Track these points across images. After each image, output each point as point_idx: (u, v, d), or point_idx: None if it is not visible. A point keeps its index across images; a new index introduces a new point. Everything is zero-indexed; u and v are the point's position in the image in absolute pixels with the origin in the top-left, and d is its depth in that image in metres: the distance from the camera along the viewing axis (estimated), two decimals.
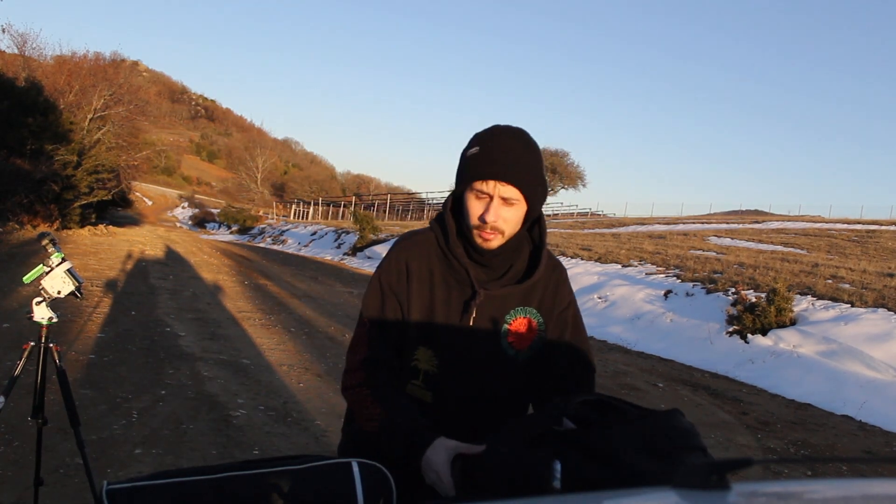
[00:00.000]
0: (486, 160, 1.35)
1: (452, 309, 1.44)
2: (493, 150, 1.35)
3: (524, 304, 1.46)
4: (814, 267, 11.32)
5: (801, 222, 26.62)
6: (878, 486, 0.69)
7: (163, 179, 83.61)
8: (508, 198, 1.35)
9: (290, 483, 1.20)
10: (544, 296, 1.49)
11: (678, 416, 1.09)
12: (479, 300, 1.42)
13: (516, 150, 1.37)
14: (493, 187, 1.34)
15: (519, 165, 1.35)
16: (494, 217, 1.35)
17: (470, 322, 1.43)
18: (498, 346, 1.45)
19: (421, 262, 1.46)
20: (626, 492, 0.81)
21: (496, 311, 1.44)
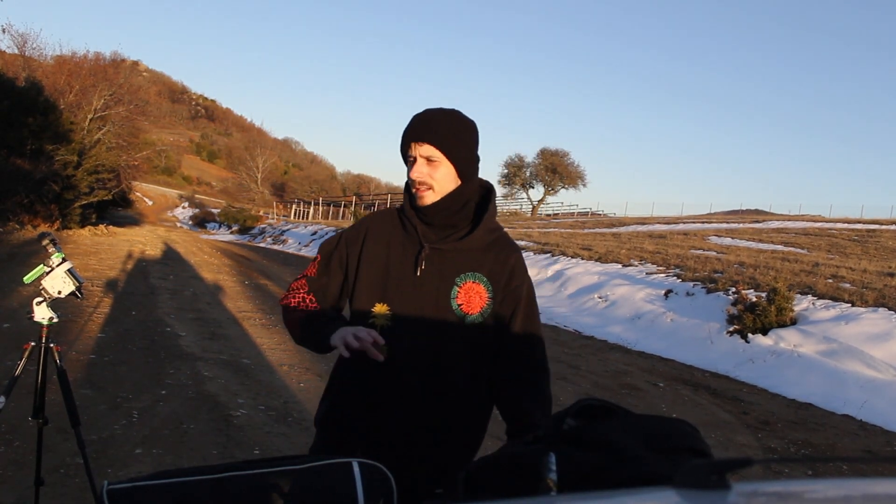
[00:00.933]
0: (409, 128, 1.56)
1: (405, 265, 1.59)
2: (414, 120, 1.57)
3: (474, 270, 1.60)
4: (814, 266, 11.32)
5: (802, 222, 26.60)
6: (878, 485, 0.69)
7: (163, 179, 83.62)
8: (429, 156, 1.54)
9: (290, 483, 1.20)
10: (494, 266, 1.62)
11: (684, 422, 1.09)
12: (425, 252, 1.58)
13: (434, 116, 1.56)
14: (415, 148, 1.55)
15: (433, 126, 1.55)
16: (418, 174, 1.54)
17: (417, 273, 1.57)
18: (447, 305, 1.57)
19: (381, 227, 1.65)
20: (626, 492, 0.81)
21: (445, 269, 1.58)
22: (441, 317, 1.57)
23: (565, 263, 12.95)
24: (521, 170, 49.99)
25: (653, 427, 1.06)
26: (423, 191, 1.56)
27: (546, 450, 1.00)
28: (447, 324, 1.57)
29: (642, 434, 1.03)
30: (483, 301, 1.59)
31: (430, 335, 1.56)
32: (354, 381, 1.61)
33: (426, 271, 1.57)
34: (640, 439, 1.01)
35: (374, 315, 1.58)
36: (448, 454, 1.61)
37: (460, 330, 1.58)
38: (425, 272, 1.57)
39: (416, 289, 1.57)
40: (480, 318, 1.59)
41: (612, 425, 1.05)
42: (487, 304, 1.59)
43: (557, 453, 0.98)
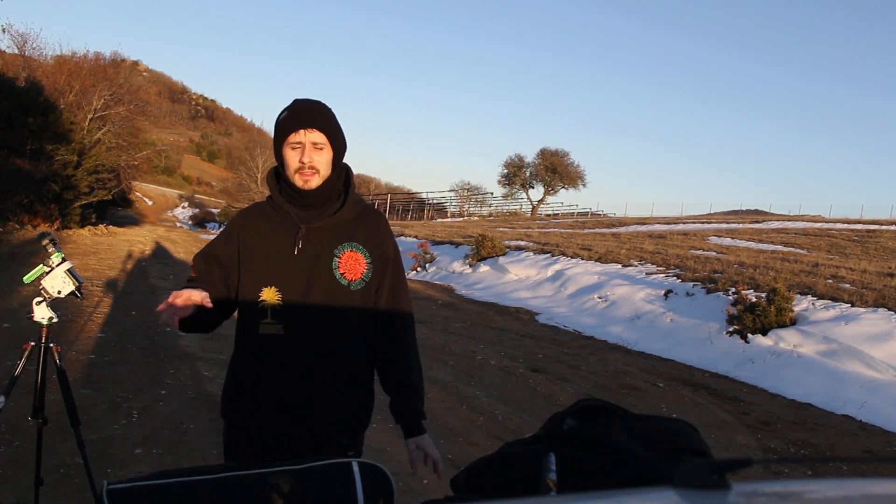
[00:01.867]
0: (295, 116, 1.67)
1: (284, 247, 1.71)
2: (298, 109, 1.68)
3: (350, 240, 1.73)
4: (814, 267, 11.32)
5: (802, 222, 26.59)
6: (878, 485, 0.69)
7: (163, 179, 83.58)
8: (317, 142, 1.67)
9: (290, 483, 1.20)
10: (367, 233, 1.76)
11: (684, 422, 1.09)
12: (301, 233, 1.69)
13: (317, 106, 1.71)
14: (304, 135, 1.66)
15: (320, 114, 1.69)
16: (309, 158, 1.66)
17: (295, 252, 1.69)
18: (331, 276, 1.70)
19: (251, 221, 1.77)
20: (626, 492, 0.81)
21: (323, 244, 1.71)
22: (328, 287, 1.69)
23: (565, 263, 12.95)
24: (521, 170, 49.98)
25: (653, 427, 1.06)
26: (311, 175, 1.67)
27: (546, 450, 1.00)
28: (334, 293, 1.69)
29: (643, 434, 1.03)
30: (363, 266, 1.73)
31: (321, 306, 1.68)
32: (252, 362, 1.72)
33: (304, 250, 1.69)
34: (640, 440, 1.01)
35: (262, 300, 1.69)
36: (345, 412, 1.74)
37: (347, 296, 1.71)
38: (303, 250, 1.69)
39: (299, 266, 1.69)
40: (363, 282, 1.73)
41: (613, 426, 1.05)
42: (367, 268, 1.74)
43: (557, 453, 0.98)
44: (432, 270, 15.27)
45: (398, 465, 3.70)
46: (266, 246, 1.72)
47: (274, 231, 1.73)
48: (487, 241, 14.83)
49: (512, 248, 15.10)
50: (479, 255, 14.71)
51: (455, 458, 3.94)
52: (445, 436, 4.38)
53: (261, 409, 1.70)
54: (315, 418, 1.68)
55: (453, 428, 4.56)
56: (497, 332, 8.55)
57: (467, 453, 4.03)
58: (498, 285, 12.97)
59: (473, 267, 14.55)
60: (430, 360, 6.49)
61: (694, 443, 1.04)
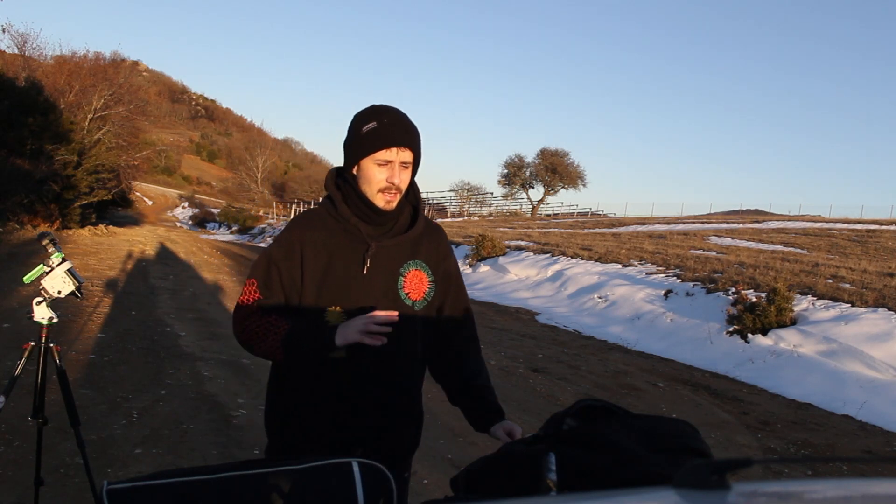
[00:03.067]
0: (387, 131, 1.54)
1: (351, 266, 1.60)
2: (389, 123, 1.55)
3: (414, 258, 1.65)
4: (814, 266, 11.32)
5: (802, 222, 26.60)
6: (878, 486, 0.69)
7: (163, 179, 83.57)
8: (406, 161, 1.57)
9: (290, 483, 1.20)
10: (429, 250, 1.69)
11: (684, 422, 1.09)
12: (372, 251, 1.59)
13: (408, 121, 1.60)
14: (396, 153, 1.55)
15: (411, 132, 1.58)
16: (400, 179, 1.56)
17: (364, 271, 1.59)
18: (397, 296, 1.62)
19: (315, 233, 1.63)
20: (626, 492, 0.81)
21: (390, 263, 1.62)
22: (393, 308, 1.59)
23: (565, 263, 12.95)
24: (521, 170, 50.00)
25: (653, 427, 1.06)
26: (395, 196, 1.58)
27: (546, 450, 1.00)
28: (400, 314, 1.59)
29: (643, 435, 1.03)
30: (426, 285, 1.66)
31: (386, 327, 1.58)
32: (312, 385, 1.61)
33: (372, 268, 1.60)
34: (640, 440, 1.01)
35: (328, 316, 1.60)
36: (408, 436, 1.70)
37: (412, 317, 1.64)
38: (371, 269, 1.60)
39: (365, 286, 1.60)
40: (425, 302, 1.67)
41: (613, 426, 1.05)
42: (429, 287, 1.67)
43: (557, 453, 0.98)
44: None
45: None
46: (332, 264, 1.60)
47: (340, 247, 1.60)
48: (487, 241, 14.84)
49: (512, 248, 15.11)
50: (479, 255, 14.71)
51: (455, 458, 3.94)
52: (445, 436, 4.38)
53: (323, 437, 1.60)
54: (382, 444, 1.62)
55: (453, 428, 4.55)
56: (497, 332, 8.55)
57: (467, 453, 4.03)
58: (498, 285, 12.97)
59: (473, 267, 14.55)
60: None
61: (694, 443, 1.04)
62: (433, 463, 3.87)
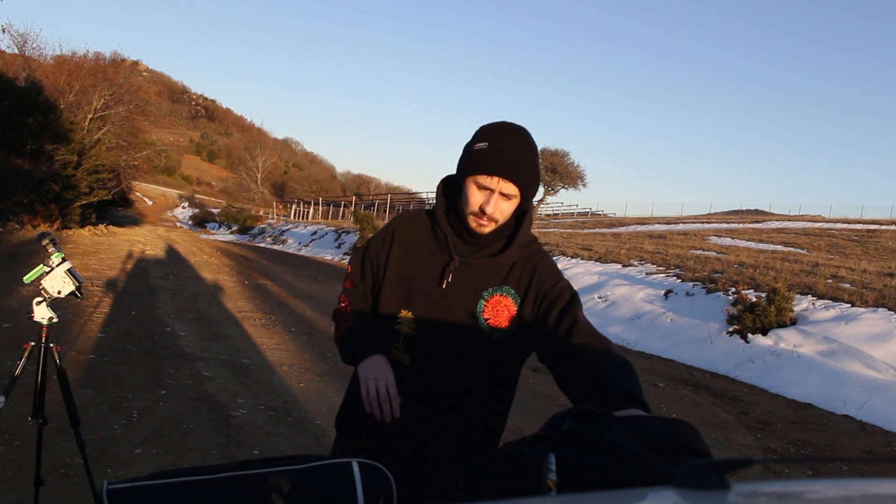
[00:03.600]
0: (493, 157, 1.45)
1: (432, 275, 1.55)
2: (499, 149, 1.45)
3: (502, 284, 1.55)
4: (814, 267, 11.32)
5: (802, 222, 26.60)
6: (878, 486, 0.69)
7: (163, 179, 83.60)
8: (508, 193, 1.47)
9: (290, 483, 1.20)
10: (522, 277, 1.56)
11: (684, 423, 1.09)
12: (454, 265, 1.53)
13: (520, 149, 1.47)
14: (497, 183, 1.45)
15: (521, 165, 1.46)
16: (493, 209, 1.47)
17: (443, 285, 1.53)
18: (473, 320, 1.53)
19: (409, 231, 1.61)
20: (626, 492, 0.81)
21: (473, 283, 1.54)
22: (467, 330, 1.52)
23: (565, 263, 12.95)
24: None
25: (653, 428, 1.06)
26: (489, 224, 1.49)
27: (546, 450, 1.00)
28: (473, 337, 1.52)
29: (643, 434, 1.03)
30: (511, 313, 1.53)
31: (455, 347, 1.53)
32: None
33: (452, 283, 1.53)
34: (640, 440, 1.01)
35: (399, 321, 1.56)
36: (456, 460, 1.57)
37: (487, 344, 1.53)
38: (451, 284, 1.53)
39: (442, 299, 1.53)
40: (509, 332, 1.53)
41: (613, 426, 1.05)
42: (515, 317, 1.53)
43: (557, 454, 0.98)
44: None
45: None
46: (415, 264, 1.57)
47: (427, 253, 1.57)
48: None
49: None
50: None
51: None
52: None
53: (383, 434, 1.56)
54: (418, 463, 1.56)
55: None
56: None
57: None
58: None
59: None
60: None
61: (694, 443, 1.04)
62: None
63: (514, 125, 1.52)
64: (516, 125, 1.53)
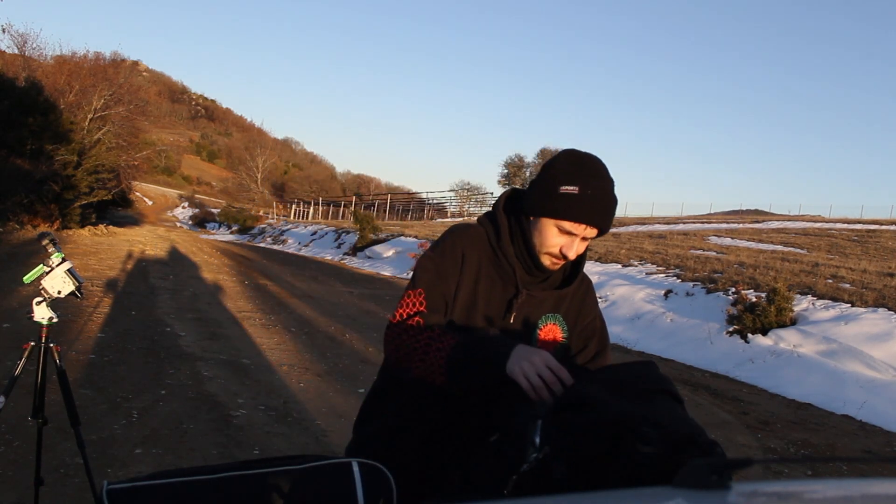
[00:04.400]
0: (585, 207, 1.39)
1: (494, 305, 1.50)
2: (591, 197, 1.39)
3: (554, 311, 1.54)
4: (814, 266, 11.32)
5: (802, 222, 26.61)
6: (878, 486, 0.69)
7: (163, 179, 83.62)
8: (590, 237, 1.44)
9: (290, 483, 1.20)
10: (570, 305, 1.57)
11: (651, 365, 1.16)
12: (521, 299, 1.49)
13: (610, 195, 1.43)
14: (584, 229, 1.41)
15: (610, 214, 1.44)
16: (574, 252, 1.44)
17: (511, 320, 1.49)
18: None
19: (473, 253, 1.50)
20: (626, 492, 0.81)
21: (532, 313, 1.52)
22: None
23: None
24: (521, 170, 50.02)
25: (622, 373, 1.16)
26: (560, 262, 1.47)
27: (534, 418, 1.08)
28: None
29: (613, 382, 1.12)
30: (558, 341, 1.55)
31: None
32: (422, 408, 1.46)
33: (517, 317, 1.50)
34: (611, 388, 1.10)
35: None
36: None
37: None
38: (517, 318, 1.50)
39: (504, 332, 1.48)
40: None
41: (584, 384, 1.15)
42: (562, 344, 1.55)
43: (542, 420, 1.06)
44: None
45: None
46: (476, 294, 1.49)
47: (491, 280, 1.49)
48: None
49: None
50: None
51: None
52: None
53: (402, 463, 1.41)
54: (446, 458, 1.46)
55: None
56: None
57: None
58: None
59: None
60: None
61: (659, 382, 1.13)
62: None
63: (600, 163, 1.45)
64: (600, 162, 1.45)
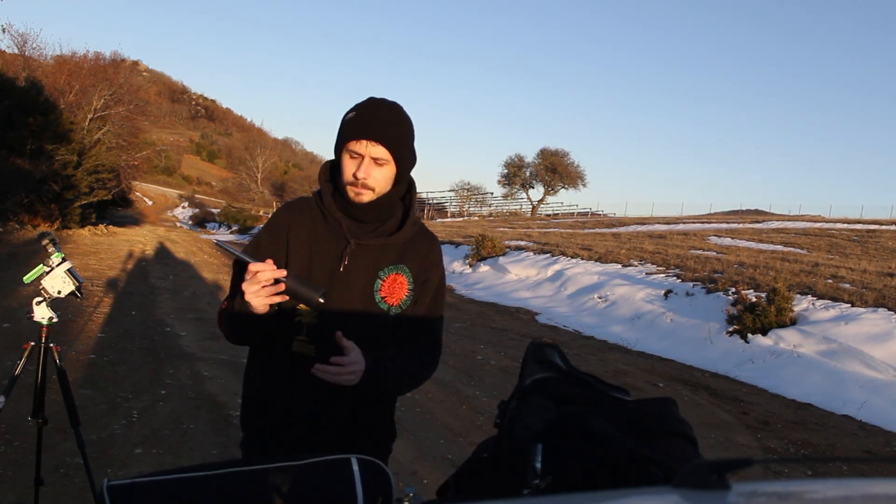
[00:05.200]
0: (360, 123, 1.49)
1: (329, 259, 1.56)
2: (366, 115, 1.50)
3: (398, 263, 1.59)
4: (814, 267, 11.32)
5: (802, 222, 26.60)
6: (878, 486, 0.69)
7: (163, 179, 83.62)
8: (378, 157, 1.50)
9: (289, 480, 1.20)
10: (416, 257, 1.61)
11: (668, 403, 1.11)
12: (350, 248, 1.55)
13: (388, 116, 1.51)
14: (365, 147, 1.49)
15: (389, 129, 1.50)
16: (365, 174, 1.50)
17: (341, 268, 1.55)
18: (371, 299, 1.57)
19: (301, 220, 1.60)
20: (626, 492, 0.81)
21: (370, 264, 1.57)
22: (367, 310, 1.56)
23: (565, 263, 12.95)
24: (521, 170, 50.00)
25: (631, 411, 1.10)
26: (363, 190, 1.52)
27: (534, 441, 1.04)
28: (373, 317, 1.56)
29: (622, 419, 1.07)
30: (404, 292, 1.59)
31: (357, 329, 1.53)
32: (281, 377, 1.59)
33: (350, 266, 1.55)
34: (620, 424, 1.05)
35: (299, 312, 1.55)
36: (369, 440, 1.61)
37: (385, 322, 1.58)
38: (349, 266, 1.55)
39: (341, 283, 1.55)
40: (400, 308, 1.59)
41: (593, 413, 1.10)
42: (408, 294, 1.59)
43: (543, 444, 1.02)
44: None
45: (397, 466, 3.71)
46: (310, 253, 1.57)
47: (321, 239, 1.57)
48: (487, 241, 14.84)
49: (512, 248, 15.11)
50: (479, 255, 14.72)
51: (455, 458, 3.94)
52: (445, 436, 4.38)
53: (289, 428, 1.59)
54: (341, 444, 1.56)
55: (453, 428, 4.56)
56: (497, 332, 8.55)
57: (467, 453, 4.02)
58: (498, 285, 12.97)
59: (473, 267, 14.55)
60: None
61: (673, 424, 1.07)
62: (433, 463, 3.88)
63: (385, 99, 1.56)
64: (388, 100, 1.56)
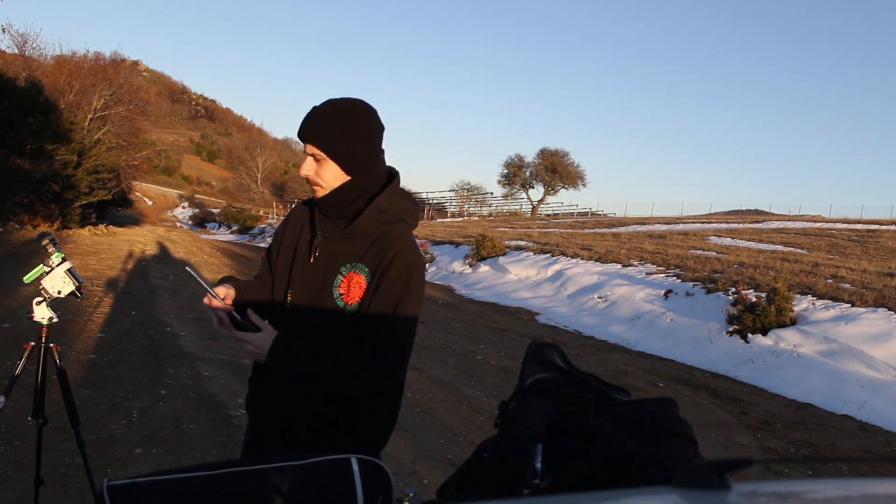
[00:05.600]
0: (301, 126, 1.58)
1: (303, 252, 1.69)
2: (303, 119, 1.58)
3: (357, 261, 1.61)
4: (814, 266, 11.32)
5: (802, 222, 26.60)
6: (878, 485, 0.69)
7: (163, 179, 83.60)
8: (314, 154, 1.57)
9: (289, 480, 1.20)
10: (375, 258, 1.60)
11: (668, 403, 1.11)
12: (317, 241, 1.64)
13: (320, 114, 1.56)
14: (307, 147, 1.58)
15: (317, 127, 1.55)
16: (304, 171, 1.60)
17: (311, 259, 1.65)
18: (329, 294, 1.61)
19: (300, 215, 1.75)
20: (626, 492, 0.81)
21: (333, 259, 1.63)
22: (323, 305, 1.61)
23: (565, 263, 12.95)
24: (521, 170, 50.01)
25: (630, 411, 1.09)
26: (315, 187, 1.61)
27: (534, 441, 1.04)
28: (327, 312, 1.60)
29: (622, 419, 1.07)
30: (361, 291, 1.60)
31: (311, 322, 1.62)
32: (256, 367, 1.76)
33: (319, 259, 1.64)
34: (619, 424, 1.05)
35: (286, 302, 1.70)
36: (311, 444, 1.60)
37: (340, 319, 1.60)
38: (318, 259, 1.64)
39: (311, 276, 1.64)
40: (357, 307, 1.59)
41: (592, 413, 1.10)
42: (365, 294, 1.60)
43: (543, 444, 1.02)
44: (432, 270, 15.27)
45: (397, 466, 3.71)
46: (300, 245, 1.70)
47: (303, 231, 1.71)
48: (487, 241, 14.84)
49: (512, 248, 15.11)
50: (479, 255, 14.72)
51: (455, 458, 3.94)
52: (445, 436, 4.38)
53: (260, 411, 1.75)
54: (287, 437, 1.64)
55: (453, 428, 4.56)
56: (497, 332, 8.55)
57: (467, 453, 4.02)
58: (498, 285, 12.97)
59: (473, 267, 14.55)
60: (431, 359, 6.49)
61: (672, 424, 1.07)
62: (433, 463, 3.88)
63: (334, 98, 1.60)
64: (337, 98, 1.60)
